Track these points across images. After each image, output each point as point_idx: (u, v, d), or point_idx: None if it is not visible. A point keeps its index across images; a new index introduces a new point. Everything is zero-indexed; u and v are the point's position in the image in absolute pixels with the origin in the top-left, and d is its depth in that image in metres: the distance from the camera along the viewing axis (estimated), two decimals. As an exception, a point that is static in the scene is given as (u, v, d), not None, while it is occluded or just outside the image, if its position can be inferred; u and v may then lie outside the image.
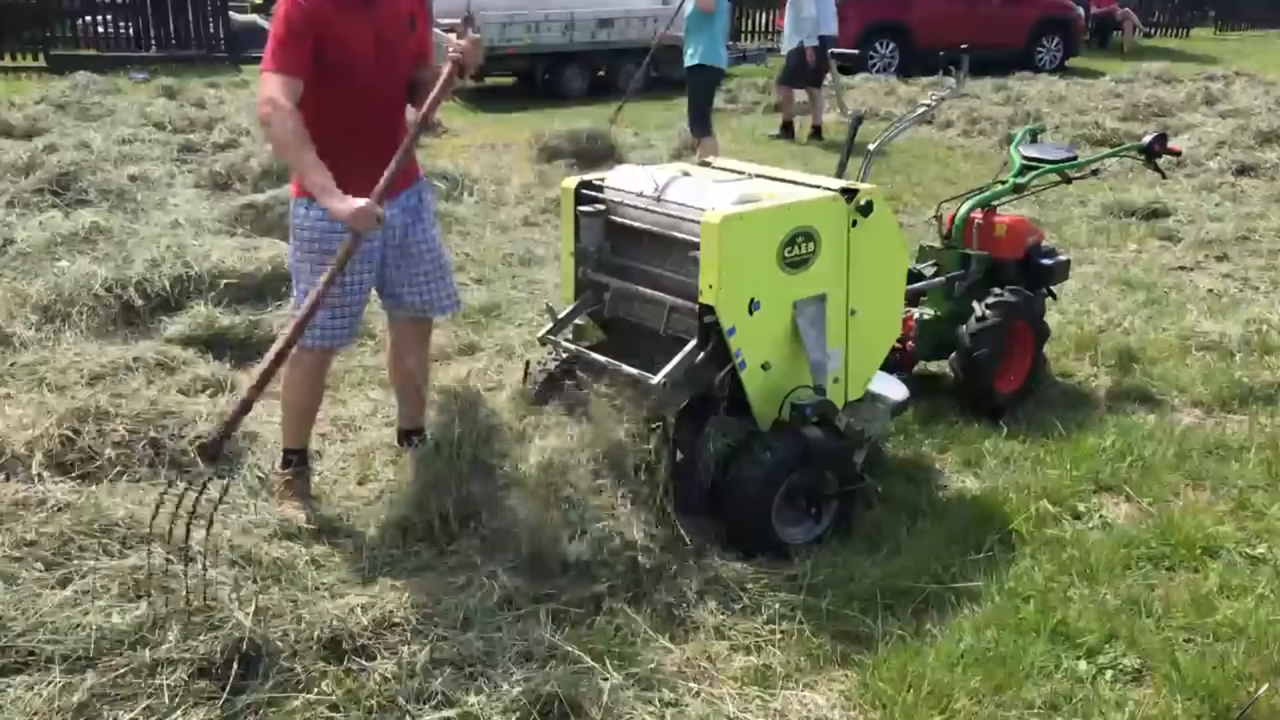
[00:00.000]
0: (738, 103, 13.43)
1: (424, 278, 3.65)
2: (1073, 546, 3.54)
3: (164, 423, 3.95)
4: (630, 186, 3.65)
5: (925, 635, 3.08)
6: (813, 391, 3.52)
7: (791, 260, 3.43)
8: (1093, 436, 4.32)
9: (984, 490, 3.94)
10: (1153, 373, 5.02)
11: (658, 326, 3.56)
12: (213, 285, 5.46)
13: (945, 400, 4.64)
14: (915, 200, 8.55)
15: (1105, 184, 8.80)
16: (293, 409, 3.70)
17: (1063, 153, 5.05)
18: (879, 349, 3.87)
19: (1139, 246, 7.25)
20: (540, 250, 6.84)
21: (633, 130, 11.13)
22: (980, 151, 10.61)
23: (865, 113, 5.45)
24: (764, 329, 3.43)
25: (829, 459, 3.46)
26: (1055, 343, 5.25)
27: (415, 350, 3.83)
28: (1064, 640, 3.05)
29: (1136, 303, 5.96)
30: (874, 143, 4.91)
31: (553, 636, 2.94)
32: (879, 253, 3.66)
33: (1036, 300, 4.70)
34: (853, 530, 3.59)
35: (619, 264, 3.72)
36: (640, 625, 3.03)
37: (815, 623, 3.10)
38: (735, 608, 3.17)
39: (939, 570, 3.37)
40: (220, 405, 4.29)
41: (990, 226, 4.75)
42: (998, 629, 3.08)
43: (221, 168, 8.00)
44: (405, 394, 3.91)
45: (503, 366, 4.85)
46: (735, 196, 3.39)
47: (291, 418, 3.72)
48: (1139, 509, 3.86)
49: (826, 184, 3.65)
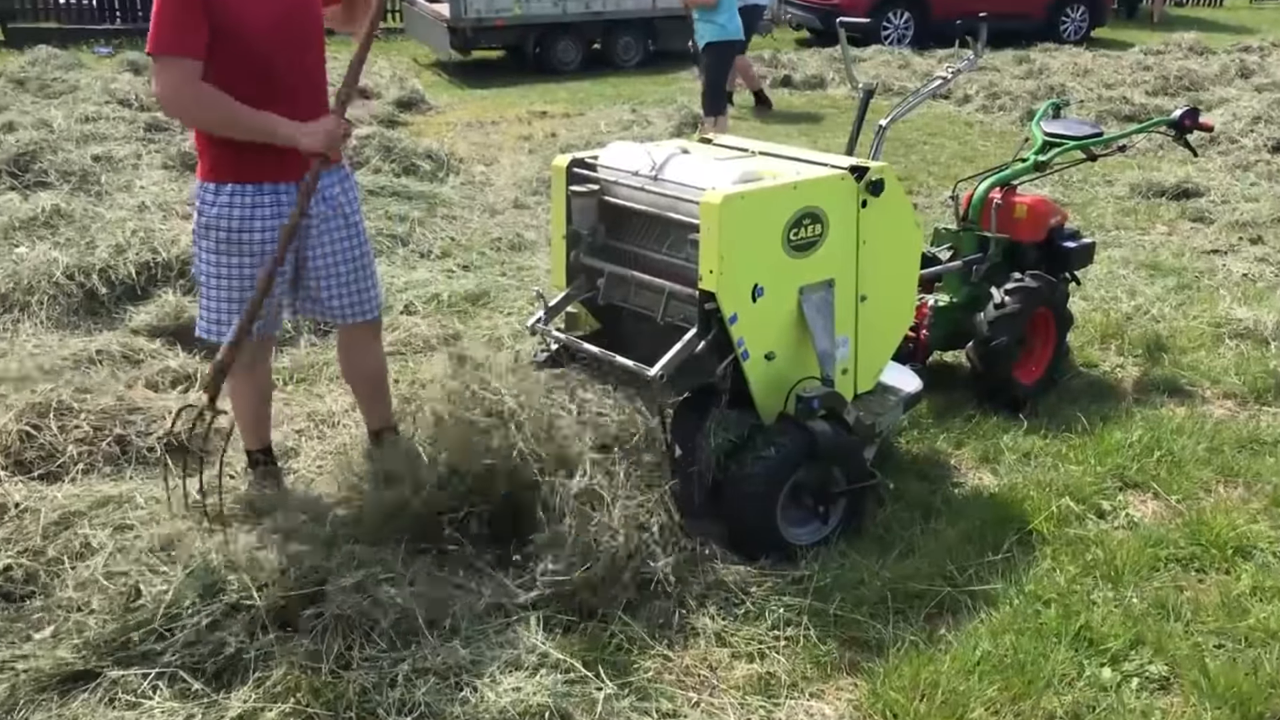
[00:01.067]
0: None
1: (346, 279, 3.49)
2: (1097, 547, 3.54)
3: (130, 418, 3.95)
4: (625, 165, 3.65)
5: (939, 641, 3.08)
6: (820, 383, 3.52)
7: (797, 243, 3.43)
8: (1118, 430, 4.33)
9: (1002, 488, 3.95)
10: (1182, 362, 5.03)
11: (655, 314, 3.56)
12: (181, 272, 5.45)
13: (961, 392, 4.65)
14: (930, 179, 8.55)
15: (1133, 162, 8.80)
16: (236, 407, 3.67)
17: (1087, 129, 5.05)
18: (890, 338, 3.87)
19: (1168, 228, 7.25)
20: (530, 234, 6.83)
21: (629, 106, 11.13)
22: (1000, 128, 10.60)
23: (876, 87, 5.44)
24: (768, 317, 3.43)
25: (837, 455, 3.46)
26: (1079, 331, 5.25)
27: (367, 349, 3.70)
28: (1087, 646, 3.06)
29: (1166, 288, 5.97)
30: (886, 118, 4.91)
31: (543, 644, 2.94)
32: (891, 235, 3.66)
33: (1059, 286, 4.70)
34: (862, 530, 3.59)
35: (614, 248, 3.72)
36: (636, 632, 3.04)
37: (822, 628, 3.10)
38: (737, 613, 3.17)
39: (954, 572, 3.38)
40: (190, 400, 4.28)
41: (1010, 207, 4.75)
42: (1016, 634, 3.09)
43: (190, 147, 7.96)
44: (366, 395, 3.82)
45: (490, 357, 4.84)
46: (737, 175, 3.39)
47: (241, 417, 3.70)
48: (1167, 507, 3.87)
49: (835, 162, 3.64)
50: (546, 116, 11.12)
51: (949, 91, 11.70)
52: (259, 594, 2.92)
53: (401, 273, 5.94)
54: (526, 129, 10.40)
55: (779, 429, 3.45)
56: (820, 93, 12.63)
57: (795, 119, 11.23)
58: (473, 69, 14.30)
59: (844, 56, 5.80)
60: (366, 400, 3.85)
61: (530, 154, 9.17)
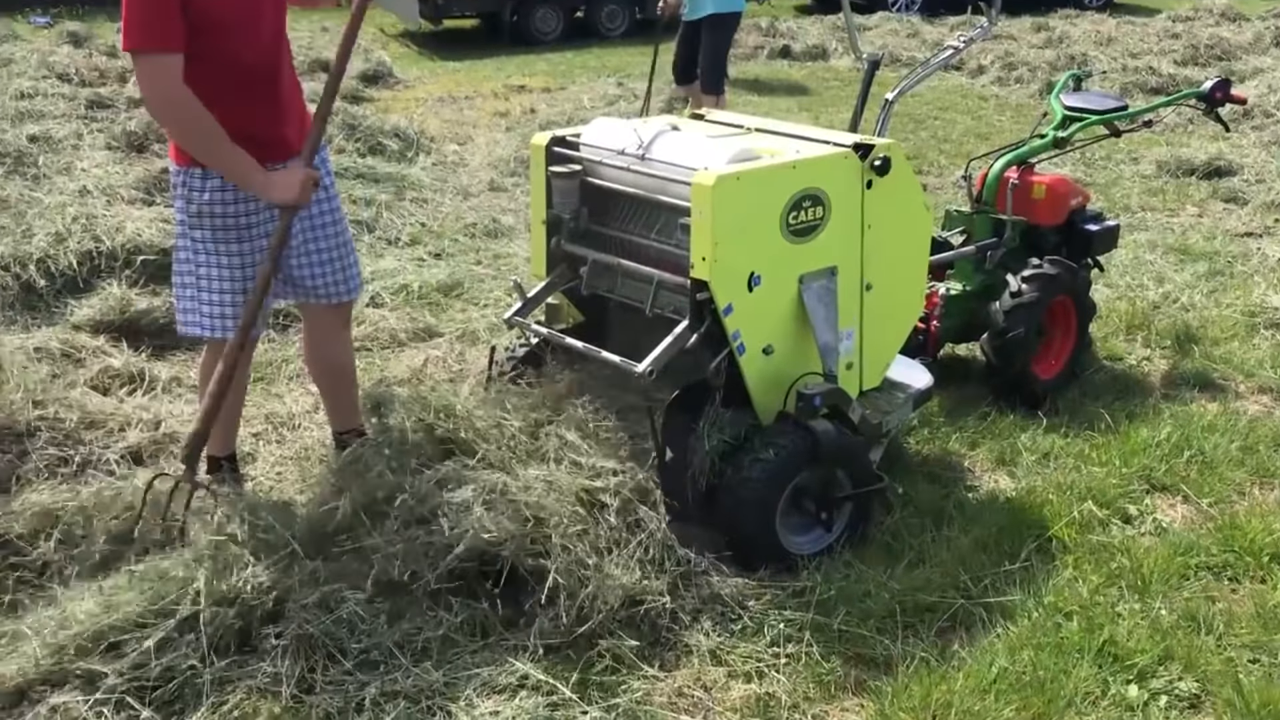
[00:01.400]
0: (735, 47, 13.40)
1: (327, 255, 3.60)
2: (1122, 555, 3.56)
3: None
4: (610, 143, 3.65)
5: (952, 658, 3.09)
6: (822, 379, 3.53)
7: (797, 228, 3.43)
8: (1145, 429, 4.35)
9: (1020, 491, 3.96)
10: (1214, 355, 5.05)
11: (643, 305, 3.56)
12: (127, 262, 5.44)
13: (975, 388, 4.66)
14: (941, 158, 8.57)
15: (1160, 138, 8.83)
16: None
17: (1111, 102, 5.06)
18: (898, 330, 3.88)
19: (1199, 210, 7.28)
20: (507, 219, 6.83)
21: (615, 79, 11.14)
22: (1017, 102, 10.63)
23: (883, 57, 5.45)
24: (765, 307, 3.43)
25: (841, 457, 3.47)
26: (1102, 321, 5.27)
27: (336, 338, 3.77)
28: (1112, 662, 3.08)
29: (1196, 274, 5.99)
30: (893, 91, 4.91)
31: (523, 664, 2.95)
32: (898, 218, 3.67)
33: (1080, 272, 4.71)
34: (869, 538, 3.60)
35: (598, 233, 3.72)
36: (624, 650, 3.04)
37: (825, 645, 3.11)
38: (734, 628, 3.18)
39: (968, 583, 3.39)
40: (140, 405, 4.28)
41: (1027, 187, 4.76)
42: (1036, 650, 3.10)
43: (137, 126, 7.96)
44: (331, 391, 3.88)
45: (464, 354, 4.85)
46: (731, 154, 3.39)
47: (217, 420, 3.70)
48: (1198, 511, 3.88)
49: (837, 139, 3.64)
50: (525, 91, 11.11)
51: (961, 62, 11.73)
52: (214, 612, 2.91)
53: (368, 261, 5.93)
54: (503, 104, 10.40)
55: (778, 429, 3.46)
56: (822, 64, 12.65)
57: (795, 92, 11.24)
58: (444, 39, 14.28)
59: (847, 24, 5.80)
60: (332, 398, 3.87)
61: (507, 132, 9.17)
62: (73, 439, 3.92)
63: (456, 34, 14.61)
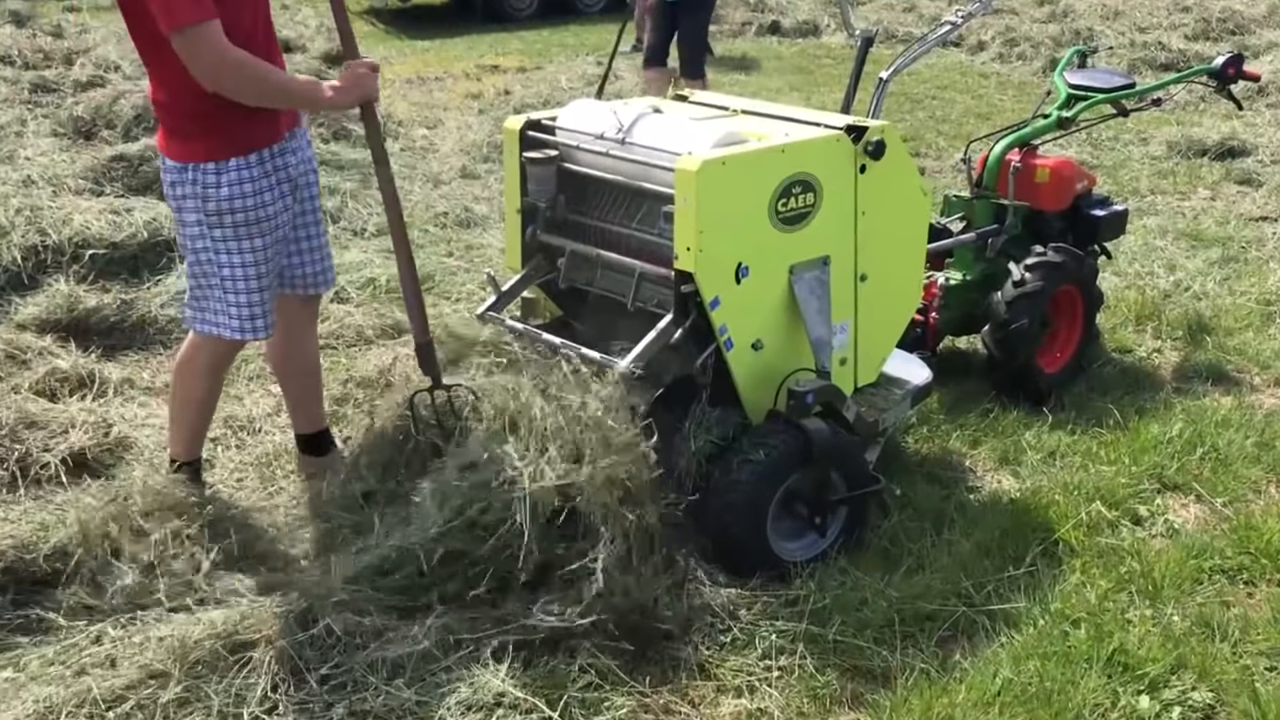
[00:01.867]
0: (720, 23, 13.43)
1: (316, 243, 3.70)
2: (1132, 558, 3.58)
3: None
4: (588, 126, 3.64)
5: (953, 669, 3.10)
6: (815, 375, 3.53)
7: (786, 215, 3.43)
8: (1156, 424, 4.37)
9: (1024, 492, 3.98)
10: (1228, 346, 5.08)
11: (624, 299, 3.57)
12: (75, 257, 5.41)
13: (976, 383, 4.68)
14: (939, 140, 8.59)
15: (1170, 117, 8.87)
16: (193, 410, 3.69)
17: (1118, 79, 5.08)
18: (895, 322, 3.89)
19: (1211, 192, 7.31)
20: (480, 208, 6.82)
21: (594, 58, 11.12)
22: (1019, 80, 10.66)
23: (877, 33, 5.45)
24: (754, 300, 3.44)
25: (835, 457, 3.48)
26: (1110, 311, 5.30)
27: (305, 335, 3.85)
28: (1122, 672, 3.09)
29: (1208, 261, 6.02)
30: (888, 70, 4.92)
31: (501, 681, 2.94)
32: (894, 204, 3.67)
33: (1086, 260, 4.73)
34: (865, 543, 3.61)
35: (576, 223, 3.72)
36: (607, 664, 3.04)
37: (820, 656, 3.12)
38: (723, 640, 3.18)
39: (970, 590, 3.41)
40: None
41: (1030, 170, 4.78)
42: (1041, 659, 3.11)
43: (85, 111, 7.90)
44: (301, 391, 3.90)
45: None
46: (717, 137, 3.39)
47: (185, 419, 3.71)
48: (1212, 511, 3.91)
49: (829, 121, 3.65)
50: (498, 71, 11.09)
51: (960, 38, 11.76)
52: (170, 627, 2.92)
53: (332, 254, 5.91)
54: (475, 86, 10.37)
55: (768, 429, 3.46)
56: (813, 41, 12.66)
57: (784, 71, 11.25)
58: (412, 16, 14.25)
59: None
60: (298, 398, 3.89)
61: (480, 115, 9.16)
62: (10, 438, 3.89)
63: (425, 11, 14.58)
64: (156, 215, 5.70)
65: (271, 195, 3.42)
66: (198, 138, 3.34)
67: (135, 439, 4.13)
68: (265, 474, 3.97)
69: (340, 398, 4.43)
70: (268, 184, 3.40)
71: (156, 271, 5.46)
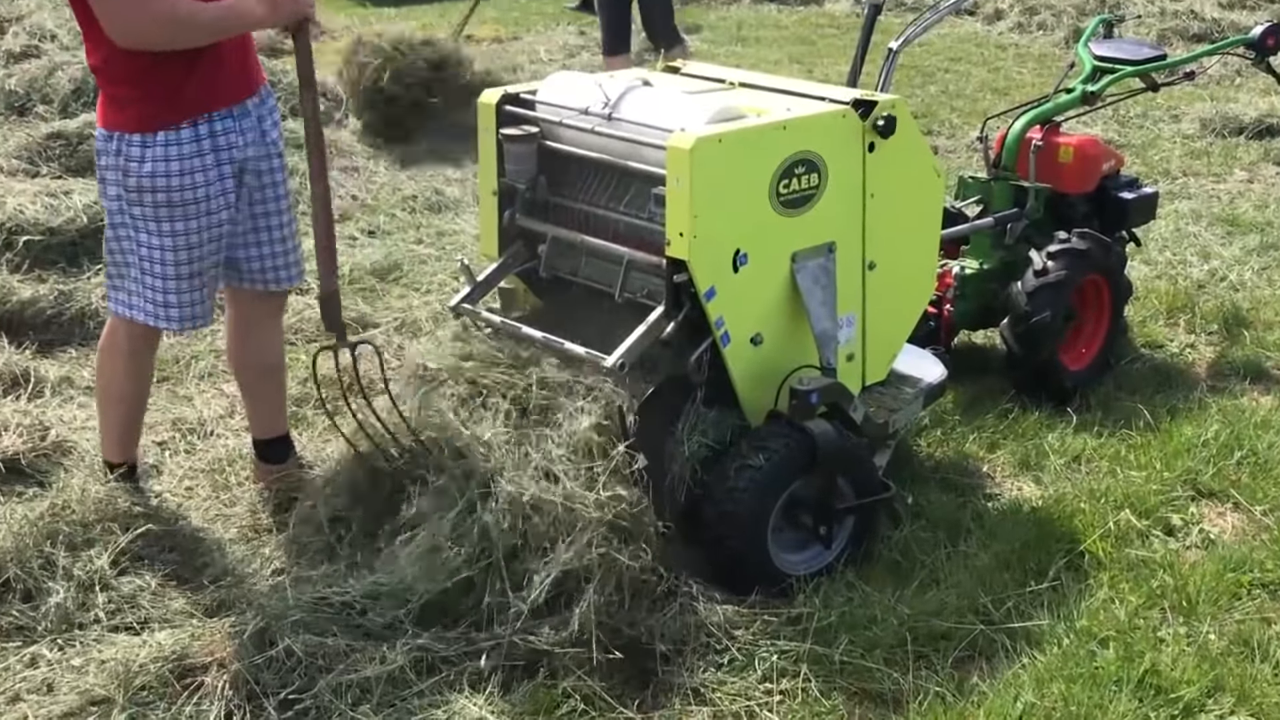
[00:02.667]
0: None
1: (277, 234, 3.66)
2: (1164, 571, 3.58)
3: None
4: (572, 101, 3.64)
5: (971, 692, 3.11)
6: (819, 372, 3.53)
7: (788, 198, 3.43)
8: (1189, 426, 4.38)
9: (1047, 500, 3.98)
10: (1268, 341, 5.09)
11: (611, 289, 3.56)
12: (8, 244, 5.39)
13: (995, 381, 4.68)
14: (953, 116, 8.59)
15: (1204, 92, 8.89)
16: (116, 404, 3.69)
17: (1146, 50, 5.09)
18: (907, 315, 3.89)
19: (1248, 174, 7.33)
20: (453, 190, 6.81)
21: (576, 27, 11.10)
22: (1039, 51, 10.67)
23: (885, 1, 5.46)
24: (753, 290, 3.44)
25: (842, 462, 3.48)
26: (1139, 303, 5.30)
27: (266, 331, 3.83)
28: (1154, 695, 3.09)
29: (1246, 249, 6.04)
30: (897, 40, 4.92)
31: (477, 706, 2.94)
32: (905, 186, 3.68)
33: (1113, 247, 4.74)
34: (874, 556, 3.62)
35: (558, 206, 3.71)
36: (594, 688, 3.04)
37: (825, 679, 3.12)
38: (720, 661, 3.18)
39: (988, 606, 3.41)
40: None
41: (1053, 150, 4.78)
42: (1067, 682, 3.12)
43: (18, 85, 7.86)
44: (259, 393, 3.90)
45: (404, 347, 4.83)
46: (712, 113, 3.39)
47: (114, 417, 3.71)
48: (1250, 520, 3.92)
49: (834, 95, 3.65)
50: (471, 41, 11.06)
51: (975, 6, 11.77)
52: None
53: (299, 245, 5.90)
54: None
55: (769, 431, 3.46)
56: (815, 9, 12.66)
57: (784, 42, 11.25)
58: (377, -18, 14.20)
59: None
60: (255, 400, 3.90)
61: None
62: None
63: (391, -25, 14.54)
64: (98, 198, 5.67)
65: (205, 176, 3.39)
66: (128, 105, 3.35)
67: (75, 443, 4.11)
68: (218, 481, 3.96)
69: (300, 398, 4.42)
70: (200, 164, 3.37)
71: (97, 260, 5.39)
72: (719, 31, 11.47)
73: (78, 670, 2.96)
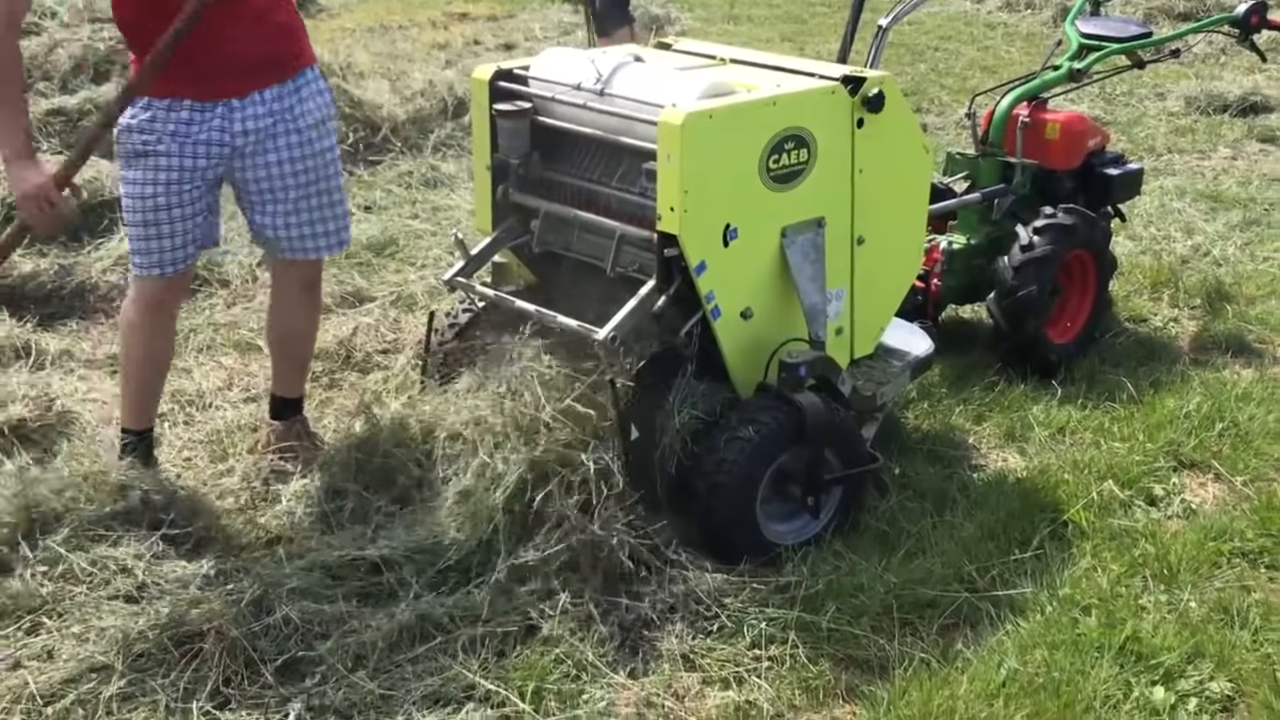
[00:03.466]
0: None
1: (285, 207, 3.63)
2: (1146, 540, 3.59)
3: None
4: (564, 77, 3.62)
5: (955, 659, 3.11)
6: (808, 346, 3.53)
7: (778, 173, 3.42)
8: (1172, 399, 4.38)
9: (1031, 470, 3.99)
10: (1250, 315, 5.09)
11: (603, 263, 3.55)
12: (9, 219, 5.33)
13: (981, 355, 4.68)
14: (942, 94, 8.58)
15: (1189, 70, 8.87)
16: (130, 364, 3.70)
17: (1133, 28, 5.07)
18: (895, 289, 3.89)
19: (1232, 151, 7.33)
20: (448, 166, 6.79)
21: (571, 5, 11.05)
22: (1027, 30, 10.65)
23: (875, -22, 5.44)
24: (743, 265, 3.43)
25: (830, 434, 3.47)
26: (1124, 277, 5.30)
27: (292, 299, 3.85)
28: (1135, 661, 3.10)
29: (1229, 224, 6.04)
30: (887, 17, 4.90)
31: (472, 673, 2.95)
32: (894, 162, 3.66)
33: (1099, 223, 4.73)
34: (861, 526, 3.62)
35: (551, 181, 3.70)
36: (586, 654, 3.05)
37: (813, 646, 3.12)
38: (709, 629, 3.18)
39: (973, 575, 3.42)
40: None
41: (1039, 126, 4.77)
42: (1049, 649, 3.13)
43: (30, 64, 7.84)
44: (279, 357, 3.95)
45: (400, 321, 4.82)
46: (703, 88, 3.37)
47: (129, 379, 3.72)
48: (1231, 491, 3.92)
49: (824, 71, 3.64)
50: (466, 19, 11.02)
51: (965, -15, 11.73)
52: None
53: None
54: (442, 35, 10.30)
55: (758, 404, 3.46)
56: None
57: (775, 20, 11.22)
58: (374, -40, 14.14)
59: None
60: (276, 363, 3.96)
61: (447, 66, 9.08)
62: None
63: (388, -46, 14.47)
64: (98, 173, 5.65)
65: (158, 135, 3.42)
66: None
67: (78, 414, 4.09)
68: (215, 452, 3.95)
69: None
70: (167, 130, 3.42)
71: (98, 235, 5.41)
72: (712, 9, 11.43)
73: (77, 638, 2.95)
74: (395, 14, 11.16)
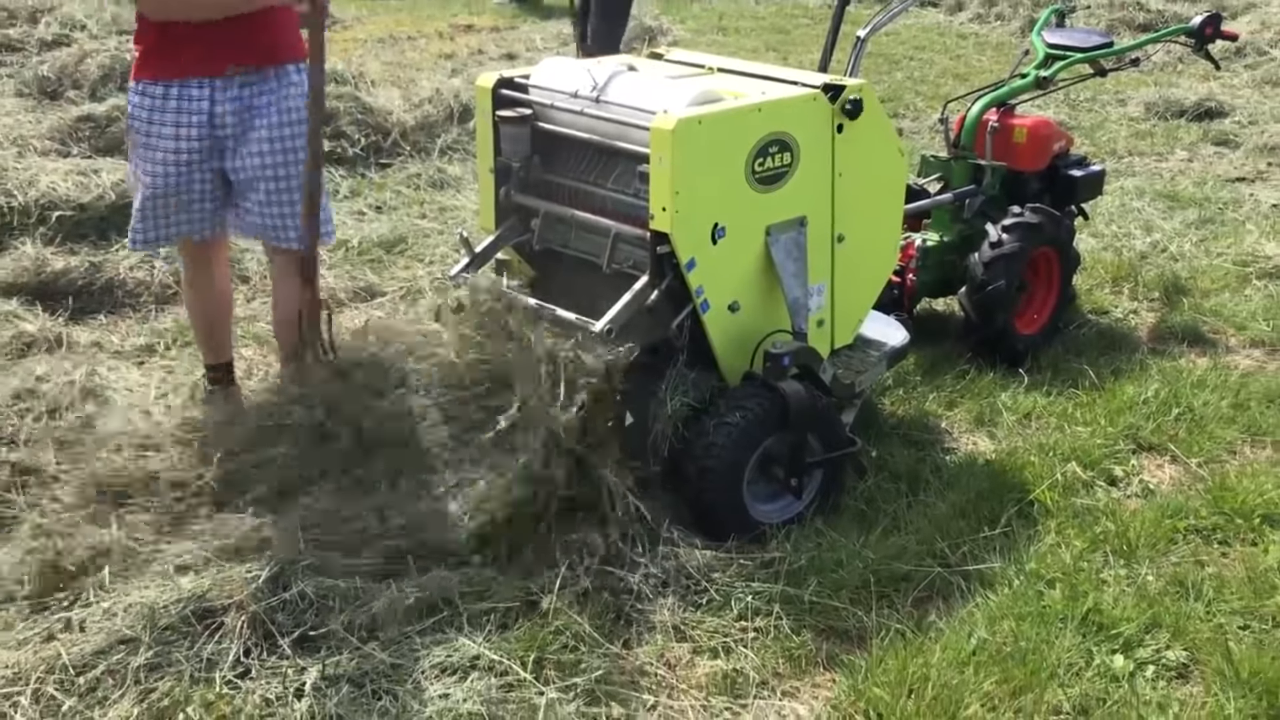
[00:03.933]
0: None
1: (269, 197, 3.65)
2: (1107, 518, 3.60)
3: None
4: (562, 85, 3.61)
5: (929, 629, 3.12)
6: (791, 337, 3.53)
7: (763, 175, 3.42)
8: (1131, 386, 4.39)
9: (1000, 453, 3.99)
10: (1204, 307, 5.10)
11: (600, 260, 3.55)
12: (42, 219, 5.36)
13: (953, 345, 4.69)
14: (917, 100, 8.57)
15: (1148, 77, 8.87)
16: (191, 315, 4.05)
17: (1095, 38, 5.07)
18: (872, 284, 3.88)
19: (1189, 154, 7.33)
20: (454, 169, 6.77)
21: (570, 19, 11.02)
22: (997, 40, 10.64)
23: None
24: (730, 261, 3.42)
25: (812, 419, 3.47)
26: (1087, 272, 5.31)
27: (283, 288, 3.84)
28: (1096, 631, 3.11)
29: (1185, 222, 6.04)
30: (865, 28, 4.89)
31: (476, 643, 2.95)
32: (871, 164, 3.66)
33: (1064, 221, 4.73)
34: (841, 506, 3.62)
35: (550, 183, 3.69)
36: (582, 627, 3.04)
37: (796, 618, 3.13)
38: (699, 602, 3.19)
39: (945, 551, 3.42)
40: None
41: (1008, 131, 4.77)
42: (1016, 620, 3.13)
43: (50, 71, 7.79)
44: (284, 339, 3.95)
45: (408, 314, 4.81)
46: (693, 96, 3.36)
47: (196, 329, 4.05)
48: (1187, 472, 3.93)
49: (806, 80, 3.63)
50: (472, 31, 11.00)
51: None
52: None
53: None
54: (449, 46, 10.28)
55: (745, 391, 3.46)
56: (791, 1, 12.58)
57: (761, 31, 11.20)
58: (384, -25, 14.08)
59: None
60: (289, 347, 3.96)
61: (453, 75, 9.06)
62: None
63: (397, -31, 14.42)
64: (125, 176, 5.64)
65: (161, 117, 3.54)
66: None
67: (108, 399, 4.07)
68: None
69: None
70: (167, 116, 3.54)
71: (125, 233, 5.37)
72: (701, 21, 11.41)
73: (106, 611, 2.95)
74: (405, 26, 11.14)
